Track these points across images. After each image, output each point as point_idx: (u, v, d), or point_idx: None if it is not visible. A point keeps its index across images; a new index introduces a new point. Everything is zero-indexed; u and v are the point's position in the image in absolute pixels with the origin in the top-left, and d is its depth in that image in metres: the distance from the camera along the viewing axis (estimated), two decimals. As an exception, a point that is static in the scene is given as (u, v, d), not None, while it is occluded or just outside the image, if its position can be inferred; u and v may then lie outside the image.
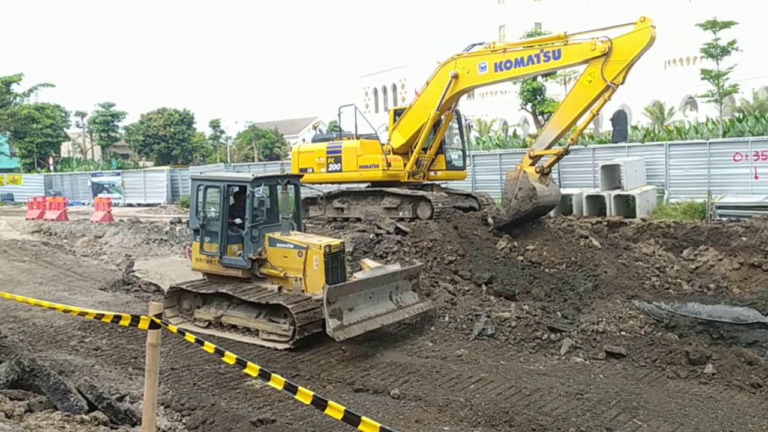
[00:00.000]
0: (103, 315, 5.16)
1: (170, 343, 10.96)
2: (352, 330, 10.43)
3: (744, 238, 15.48)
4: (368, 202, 18.53)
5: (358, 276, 11.20)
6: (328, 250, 11.20)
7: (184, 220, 24.10)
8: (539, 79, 31.19)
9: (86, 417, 6.57)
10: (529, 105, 33.39)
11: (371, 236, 15.96)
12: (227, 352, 4.12)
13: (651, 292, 13.20)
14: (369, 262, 12.52)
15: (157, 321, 4.23)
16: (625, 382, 9.27)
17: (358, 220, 18.40)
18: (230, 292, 11.35)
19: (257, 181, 11.86)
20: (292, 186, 12.66)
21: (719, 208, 18.84)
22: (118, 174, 42.31)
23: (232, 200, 12.29)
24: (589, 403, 8.47)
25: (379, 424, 3.05)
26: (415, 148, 17.97)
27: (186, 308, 12.17)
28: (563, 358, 10.47)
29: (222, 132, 64.66)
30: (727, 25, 25.99)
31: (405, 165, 18.22)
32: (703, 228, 16.52)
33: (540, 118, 33.99)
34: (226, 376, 9.50)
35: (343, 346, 11.11)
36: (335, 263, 11.34)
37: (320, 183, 20.40)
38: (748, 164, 20.68)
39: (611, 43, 14.20)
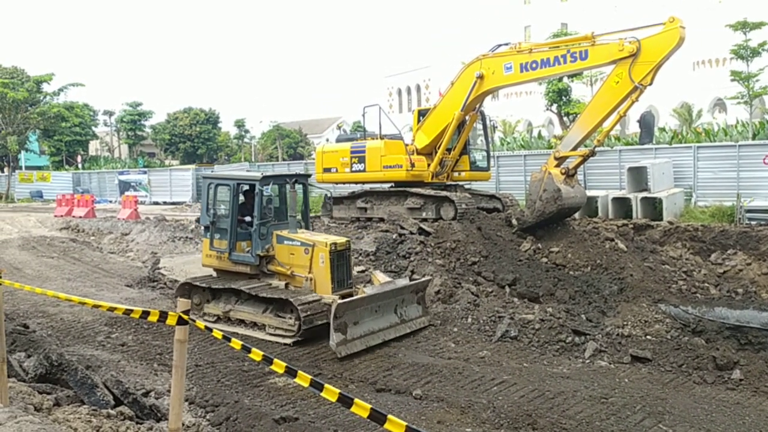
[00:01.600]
0: (131, 311, 5.23)
1: (195, 339, 11.07)
2: (354, 345, 10.48)
3: (774, 243, 15.19)
4: (392, 202, 18.54)
5: (367, 291, 11.19)
6: (333, 248, 11.42)
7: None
8: (565, 79, 30.93)
9: (112, 411, 6.67)
10: (555, 106, 33.13)
11: (394, 236, 15.97)
12: (254, 349, 4.15)
13: (678, 296, 13.01)
14: (379, 276, 12.64)
15: (185, 317, 4.28)
16: (650, 387, 9.15)
17: (381, 220, 18.42)
18: (243, 288, 11.58)
19: (266, 179, 12.12)
20: (301, 185, 12.92)
21: (748, 211, 18.52)
22: (145, 172, 42.86)
23: (242, 198, 12.54)
24: (613, 407, 8.38)
25: (405, 423, 3.05)
26: (439, 148, 17.94)
27: (196, 303, 12.42)
28: (587, 361, 10.36)
29: (247, 131, 65.14)
30: (758, 26, 25.56)
31: (429, 165, 18.20)
32: (732, 232, 16.25)
33: (565, 119, 33.72)
34: (250, 373, 9.57)
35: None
36: (341, 261, 11.59)
37: (344, 183, 20.51)
38: (778, 167, 20.29)
39: (639, 44, 14.02)
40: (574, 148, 15.75)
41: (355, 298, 10.92)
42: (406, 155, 17.99)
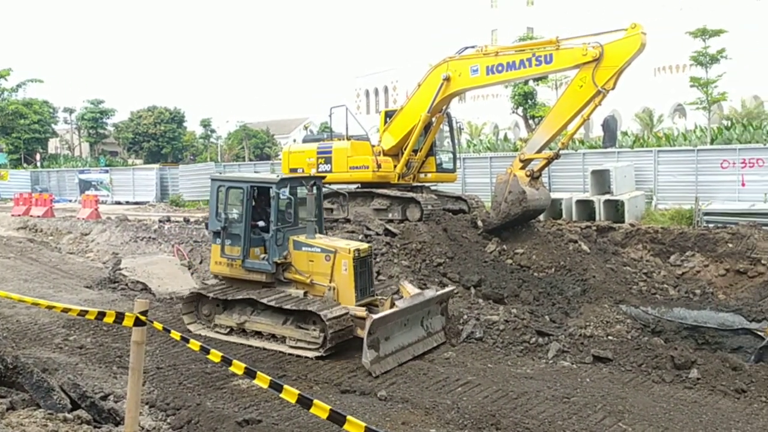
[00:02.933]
0: (87, 312, 5.11)
1: (156, 341, 10.89)
2: (387, 363, 9.90)
3: (730, 245, 15.60)
4: (358, 203, 18.50)
5: (399, 304, 10.52)
6: (357, 255, 10.87)
7: (173, 218, 23.98)
8: (530, 83, 31.29)
9: (69, 416, 6.50)
10: (520, 109, 33.50)
11: (360, 237, 15.94)
12: (213, 350, 4.08)
13: (638, 297, 13.27)
14: (408, 287, 11.78)
15: (143, 318, 4.19)
16: (611, 386, 9.30)
17: (348, 221, 18.37)
18: (262, 299, 10.93)
19: (283, 182, 11.44)
20: (315, 187, 12.15)
21: (706, 214, 18.97)
22: (107, 171, 42.04)
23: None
24: (575, 406, 8.49)
25: (364, 424, 3.03)
26: (405, 149, 17.97)
27: (205, 314, 11.75)
28: (551, 361, 10.48)
29: (213, 131, 64.33)
30: (717, 33, 26.18)
31: (395, 167, 18.21)
32: (690, 234, 16.63)
33: (531, 122, 34.09)
34: (213, 375, 9.45)
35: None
36: (363, 268, 11.04)
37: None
38: (735, 171, 20.86)
39: (602, 49, 14.27)
40: (539, 151, 15.95)
41: (389, 312, 10.26)
42: (372, 156, 17.98)
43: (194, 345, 4.27)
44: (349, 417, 3.16)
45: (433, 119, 17.76)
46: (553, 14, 54.26)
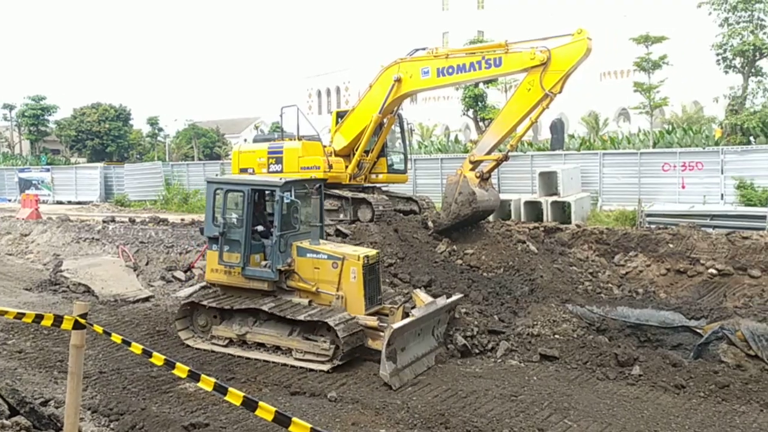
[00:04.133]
0: (24, 314, 4.92)
1: (99, 345, 10.62)
2: (405, 375, 9.53)
3: (671, 245, 16.12)
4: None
5: (415, 313, 10.10)
6: (366, 261, 10.44)
7: (118, 219, 23.38)
8: (481, 85, 31.68)
9: (7, 422, 6.27)
10: (471, 111, 33.88)
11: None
12: (155, 353, 3.99)
13: (584, 296, 13.57)
14: (421, 295, 11.50)
15: (82, 321, 4.06)
16: (557, 384, 9.49)
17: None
18: (273, 310, 10.39)
19: (287, 185, 10.81)
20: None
21: (648, 215, 19.58)
22: (48, 170, 40.66)
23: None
24: (522, 404, 8.64)
25: (309, 425, 3.01)
26: (357, 150, 17.95)
27: (201, 325, 11.17)
28: (499, 360, 10.63)
29: (160, 130, 62.88)
30: (659, 40, 27.07)
31: (346, 167, 18.18)
32: (634, 235, 17.12)
33: (481, 124, 34.50)
34: (158, 379, 9.26)
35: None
36: (372, 275, 10.64)
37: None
38: (676, 174, 21.62)
39: (550, 53, 14.56)
40: (489, 153, 16.16)
41: (408, 321, 9.79)
42: (323, 157, 17.90)
43: (136, 348, 4.17)
44: (294, 419, 3.13)
45: (385, 120, 17.80)
46: (503, 18, 55.12)
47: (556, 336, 11.36)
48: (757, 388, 9.03)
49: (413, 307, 10.84)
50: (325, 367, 9.86)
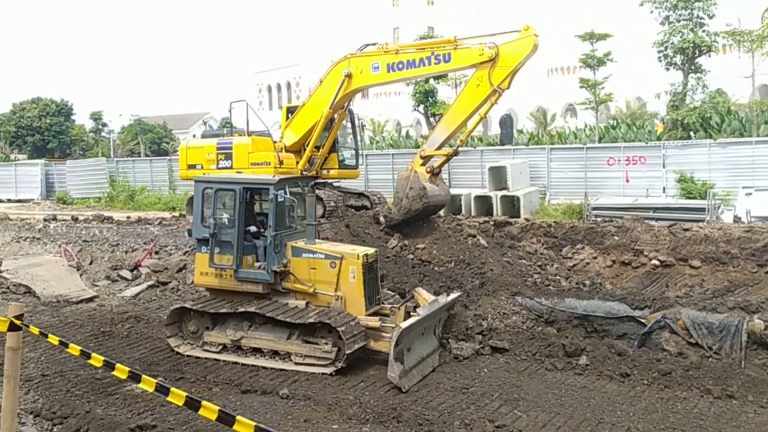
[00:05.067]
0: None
1: (41, 348, 10.28)
2: (413, 376, 9.23)
3: (616, 238, 16.55)
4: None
5: (420, 312, 9.84)
6: (365, 260, 10.11)
7: (60, 217, 22.65)
8: (431, 81, 31.90)
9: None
10: (422, 107, 34.08)
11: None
12: (94, 354, 3.87)
13: (533, 288, 13.79)
14: (424, 293, 11.25)
15: (17, 323, 3.91)
16: (507, 375, 9.63)
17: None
18: (278, 315, 9.91)
19: (281, 183, 10.38)
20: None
21: (594, 209, 20.07)
22: (-15, 167, 39.19)
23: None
24: (473, 396, 8.74)
25: (254, 423, 2.96)
26: (307, 146, 17.84)
27: (192, 331, 10.61)
28: (451, 353, 10.70)
29: (104, 125, 61.20)
30: (603, 37, 27.73)
31: (297, 163, 18.06)
32: (580, 228, 17.50)
33: (432, 119, 34.74)
34: (103, 381, 9.01)
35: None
36: (371, 274, 10.29)
37: (209, 180, 19.90)
38: (620, 168, 22.24)
39: (498, 49, 14.74)
40: (439, 148, 16.28)
41: (415, 321, 9.49)
42: (274, 152, 17.74)
43: (74, 349, 4.03)
44: (238, 417, 3.08)
45: (336, 116, 17.74)
46: (452, 14, 55.55)
47: (507, 328, 11.52)
48: (697, 374, 9.34)
49: (415, 306, 10.65)
50: (328, 371, 9.53)
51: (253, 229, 10.84)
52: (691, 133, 24.64)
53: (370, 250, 10.61)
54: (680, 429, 7.71)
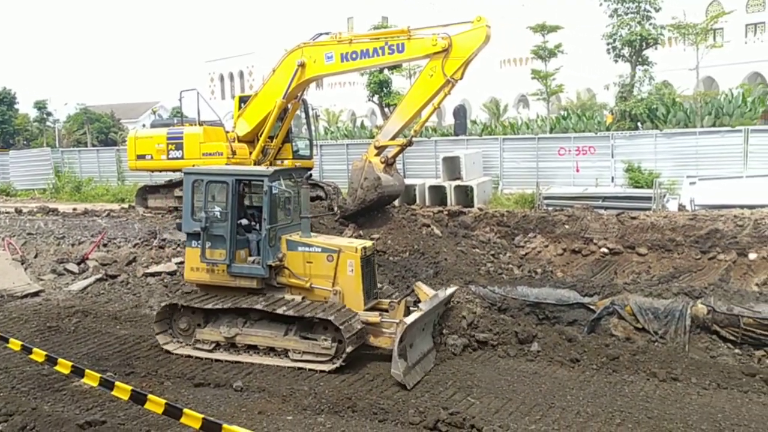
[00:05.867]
0: None
1: (-16, 345, 9.90)
2: (416, 373, 9.06)
3: (567, 226, 16.89)
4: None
5: (423, 307, 9.63)
6: (363, 254, 9.92)
7: (2, 209, 21.89)
8: (386, 71, 31.84)
9: None
10: (376, 97, 34.01)
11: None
12: (35, 349, 3.76)
13: (486, 277, 13.96)
14: (424, 288, 10.99)
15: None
16: (461, 363, 9.75)
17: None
18: (277, 310, 9.65)
19: (276, 174, 10.11)
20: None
21: (546, 198, 20.42)
22: None
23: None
24: (428, 384, 8.84)
25: (201, 416, 2.92)
26: (261, 136, 17.66)
27: (183, 328, 10.27)
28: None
29: (49, 114, 59.22)
30: (555, 29, 28.11)
31: (251, 153, 17.86)
32: (532, 216, 17.80)
33: (386, 110, 34.72)
34: (50, 377, 8.76)
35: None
36: (368, 268, 10.11)
37: (160, 170, 19.57)
38: (571, 158, 22.64)
39: (451, 40, 14.82)
40: (393, 138, 16.31)
41: (419, 316, 9.26)
42: (226, 142, 17.51)
43: (14, 344, 3.91)
44: (186, 410, 3.04)
45: (289, 105, 17.59)
46: (407, 4, 55.50)
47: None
48: (643, 358, 9.64)
49: (415, 301, 10.53)
50: (327, 368, 9.36)
51: (244, 222, 10.59)
52: (639, 124, 25.24)
53: (368, 243, 10.43)
54: (627, 411, 7.95)
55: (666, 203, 19.33)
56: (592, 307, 11.13)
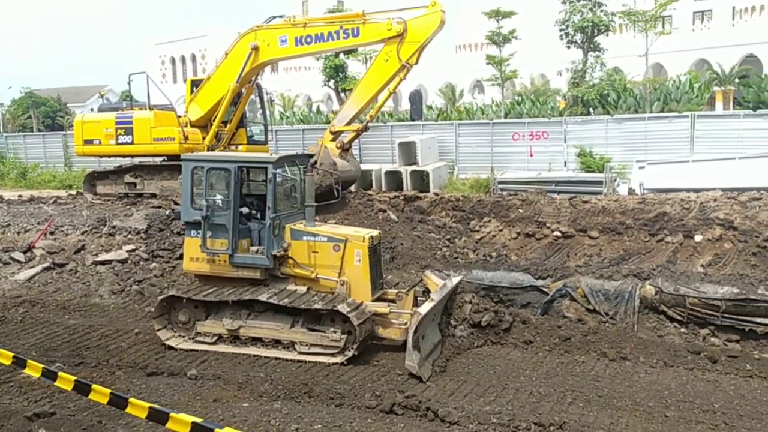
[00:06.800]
0: None
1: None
2: (429, 365, 8.84)
3: (521, 210, 17.15)
4: (164, 176, 17.65)
5: (435, 297, 9.35)
6: (371, 243, 9.66)
7: (-57, 197, 21.01)
8: (341, 56, 31.63)
9: None
10: (332, 82, 33.78)
11: (168, 212, 15.19)
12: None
13: (442, 261, 14.08)
14: (433, 278, 10.69)
15: None
16: (416, 347, 9.80)
17: (153, 195, 17.46)
18: (282, 302, 9.30)
19: (281, 161, 9.75)
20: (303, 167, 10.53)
21: (500, 183, 20.69)
22: None
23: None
24: (383, 369, 8.89)
25: (148, 404, 2.87)
26: (214, 121, 17.38)
27: (183, 321, 9.88)
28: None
29: (-8, 98, 57.10)
30: (509, 14, 28.32)
31: (204, 138, 17.55)
32: (487, 201, 18.00)
33: (342, 95, 34.53)
34: (-4, 369, 8.49)
35: (136, 330, 10.51)
36: (375, 258, 9.87)
37: (109, 156, 19.11)
38: (525, 143, 22.96)
39: (406, 25, 14.80)
40: (349, 123, 16.26)
41: (432, 306, 9.00)
42: (178, 127, 17.17)
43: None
44: (132, 399, 2.98)
45: (243, 90, 17.33)
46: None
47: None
48: (594, 339, 9.89)
49: (424, 291, 10.37)
50: (337, 360, 9.08)
51: (245, 210, 10.29)
52: (591, 110, 25.72)
53: (374, 232, 10.20)
54: (578, 390, 8.14)
55: (616, 187, 19.80)
56: (545, 289, 11.33)
